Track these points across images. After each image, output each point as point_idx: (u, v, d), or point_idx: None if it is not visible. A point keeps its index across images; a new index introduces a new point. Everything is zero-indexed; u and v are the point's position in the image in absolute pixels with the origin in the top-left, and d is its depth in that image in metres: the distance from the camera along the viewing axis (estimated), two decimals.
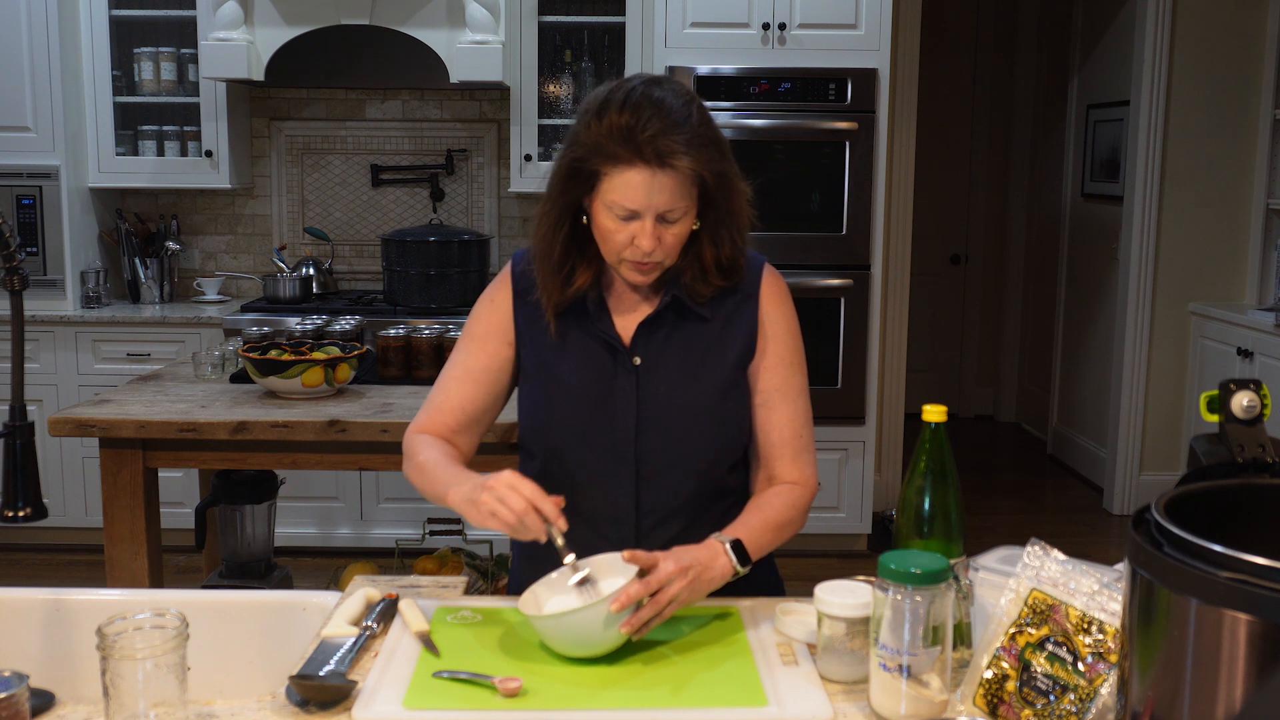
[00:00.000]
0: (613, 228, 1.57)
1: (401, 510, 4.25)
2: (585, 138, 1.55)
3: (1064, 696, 1.19)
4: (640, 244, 1.55)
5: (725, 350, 1.67)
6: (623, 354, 1.66)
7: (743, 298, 1.69)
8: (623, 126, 1.51)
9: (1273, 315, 4.34)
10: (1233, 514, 1.03)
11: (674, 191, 1.53)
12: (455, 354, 1.74)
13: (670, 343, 1.66)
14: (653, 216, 1.54)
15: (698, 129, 1.53)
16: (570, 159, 1.57)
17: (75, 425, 2.49)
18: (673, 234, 1.57)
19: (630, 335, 1.66)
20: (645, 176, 1.52)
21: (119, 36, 4.39)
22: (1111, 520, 5.01)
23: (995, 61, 6.61)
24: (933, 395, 6.27)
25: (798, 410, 1.69)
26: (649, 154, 1.50)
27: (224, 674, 1.57)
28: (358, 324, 3.17)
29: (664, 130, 1.50)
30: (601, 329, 1.66)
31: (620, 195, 1.53)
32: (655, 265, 1.60)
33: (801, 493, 1.67)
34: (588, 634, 1.38)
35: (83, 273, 4.35)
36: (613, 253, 1.60)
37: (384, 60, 4.17)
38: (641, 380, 1.65)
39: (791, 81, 4.09)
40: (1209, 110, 4.85)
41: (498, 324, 1.72)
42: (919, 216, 4.97)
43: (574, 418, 1.66)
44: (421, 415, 1.73)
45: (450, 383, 1.72)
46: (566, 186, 1.59)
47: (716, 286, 1.66)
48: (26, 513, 1.44)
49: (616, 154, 1.52)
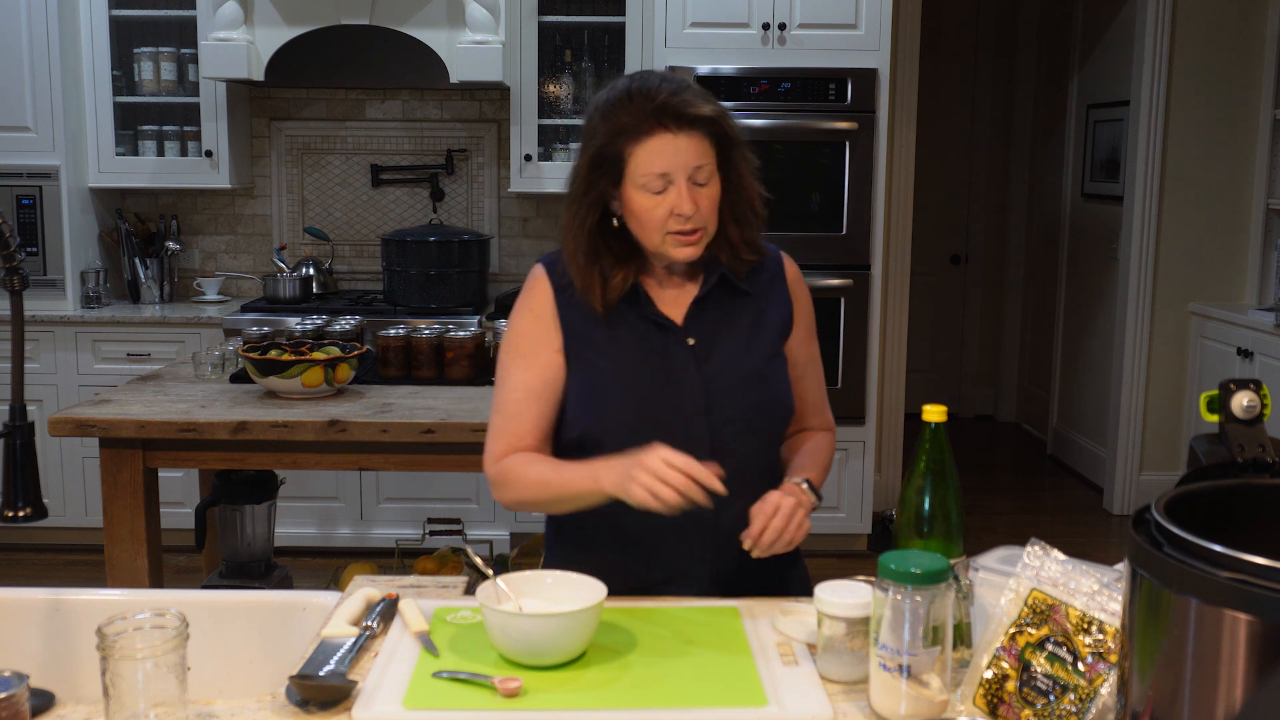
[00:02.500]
0: (649, 204, 1.63)
1: (401, 510, 4.25)
2: (603, 128, 1.64)
3: (1064, 696, 1.19)
4: (681, 208, 1.62)
5: (768, 321, 1.77)
6: (676, 335, 1.71)
7: (771, 276, 1.80)
8: (635, 102, 1.61)
9: (1273, 315, 4.34)
10: (1233, 514, 1.03)
11: (697, 150, 1.62)
12: (508, 374, 1.73)
13: (720, 319, 1.74)
14: (684, 177, 1.62)
15: (703, 92, 1.66)
16: (592, 152, 1.65)
17: (75, 425, 2.49)
18: (706, 196, 1.65)
19: (681, 318, 1.72)
20: (668, 139, 1.61)
21: (119, 36, 4.39)
22: (1111, 520, 5.01)
23: (995, 61, 6.61)
24: (933, 395, 6.26)
25: (820, 373, 1.88)
26: (667, 119, 1.60)
27: (224, 674, 1.57)
28: (358, 324, 3.17)
29: (674, 92, 1.62)
30: (652, 313, 1.71)
31: (649, 164, 1.61)
32: (700, 233, 1.66)
33: (831, 436, 1.88)
34: (539, 642, 1.38)
35: (83, 273, 4.35)
36: (655, 230, 1.65)
37: (384, 60, 4.17)
38: (699, 357, 1.71)
39: (791, 81, 4.09)
40: (1209, 110, 4.85)
41: (544, 334, 1.72)
42: (919, 216, 4.97)
43: (640, 402, 1.67)
44: (497, 444, 1.72)
45: (516, 406, 1.71)
46: (591, 181, 1.66)
47: (748, 262, 1.75)
48: (26, 513, 1.44)
49: (637, 128, 1.61)
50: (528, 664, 1.38)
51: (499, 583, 1.46)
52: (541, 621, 1.38)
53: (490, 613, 1.39)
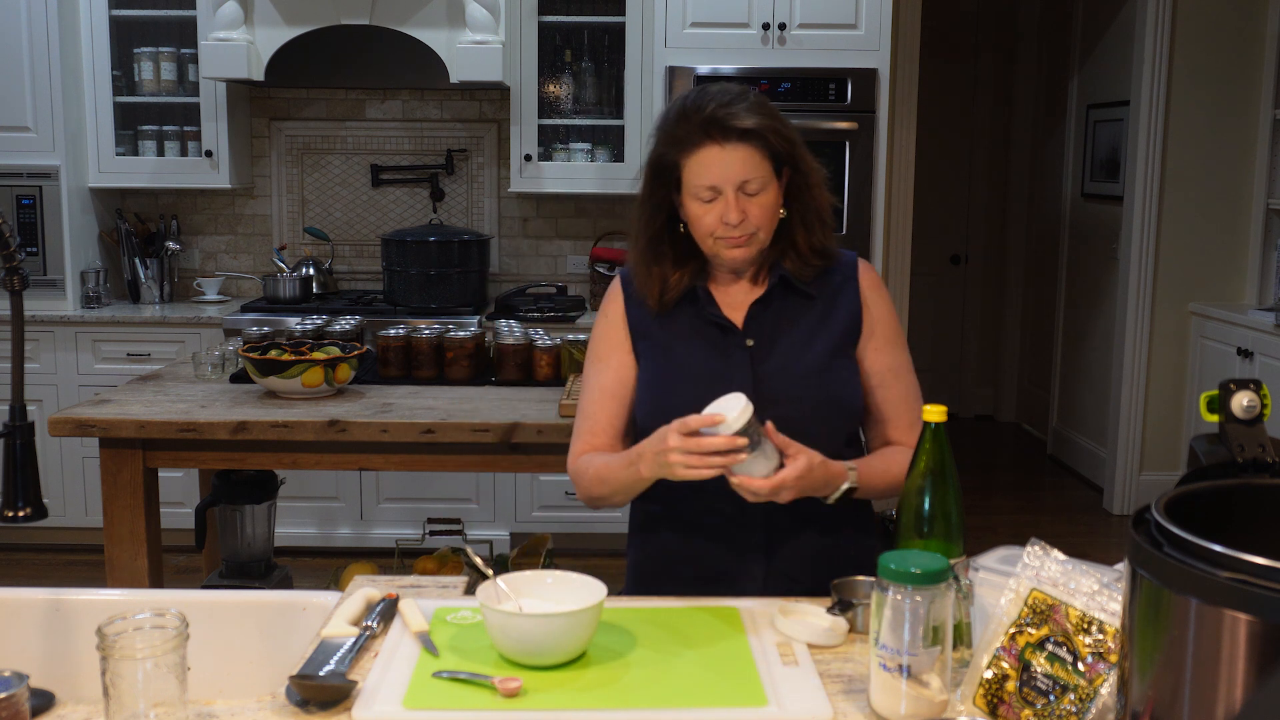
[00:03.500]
0: (700, 212, 1.71)
1: (401, 510, 4.25)
2: (662, 137, 1.73)
3: (1064, 696, 1.19)
4: (728, 217, 1.68)
5: (831, 324, 1.79)
6: (735, 336, 1.77)
7: (843, 279, 1.82)
8: (687, 114, 1.69)
9: (1273, 315, 4.34)
10: (1233, 514, 1.03)
11: (746, 162, 1.68)
12: (587, 378, 1.86)
13: (779, 322, 1.78)
14: (733, 189, 1.68)
15: (755, 102, 1.70)
16: (653, 157, 1.75)
17: (75, 425, 2.49)
18: (757, 205, 1.70)
19: (742, 319, 1.78)
20: (716, 152, 1.67)
21: (119, 36, 4.39)
22: (1111, 520, 5.01)
23: (995, 61, 6.61)
24: (933, 395, 6.24)
25: (909, 386, 1.83)
26: (715, 131, 1.67)
27: (224, 674, 1.57)
28: (358, 324, 3.17)
29: (723, 104, 1.68)
30: (713, 314, 1.77)
31: (698, 177, 1.68)
32: (748, 238, 1.71)
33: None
34: (539, 642, 1.38)
35: (83, 273, 4.35)
36: (706, 236, 1.72)
37: (384, 60, 4.17)
38: (755, 357, 1.75)
39: (791, 81, 4.09)
40: (1209, 110, 4.85)
41: (616, 338, 1.83)
42: (919, 216, 4.97)
43: (693, 397, 1.68)
44: (576, 444, 1.83)
45: (592, 406, 1.83)
46: (654, 187, 1.75)
47: (815, 267, 1.79)
48: (26, 513, 1.44)
49: (686, 140, 1.69)
50: (528, 664, 1.38)
51: (499, 583, 1.47)
52: (541, 621, 1.38)
53: (490, 613, 1.39)
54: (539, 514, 4.26)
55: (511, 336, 2.96)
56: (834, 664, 1.41)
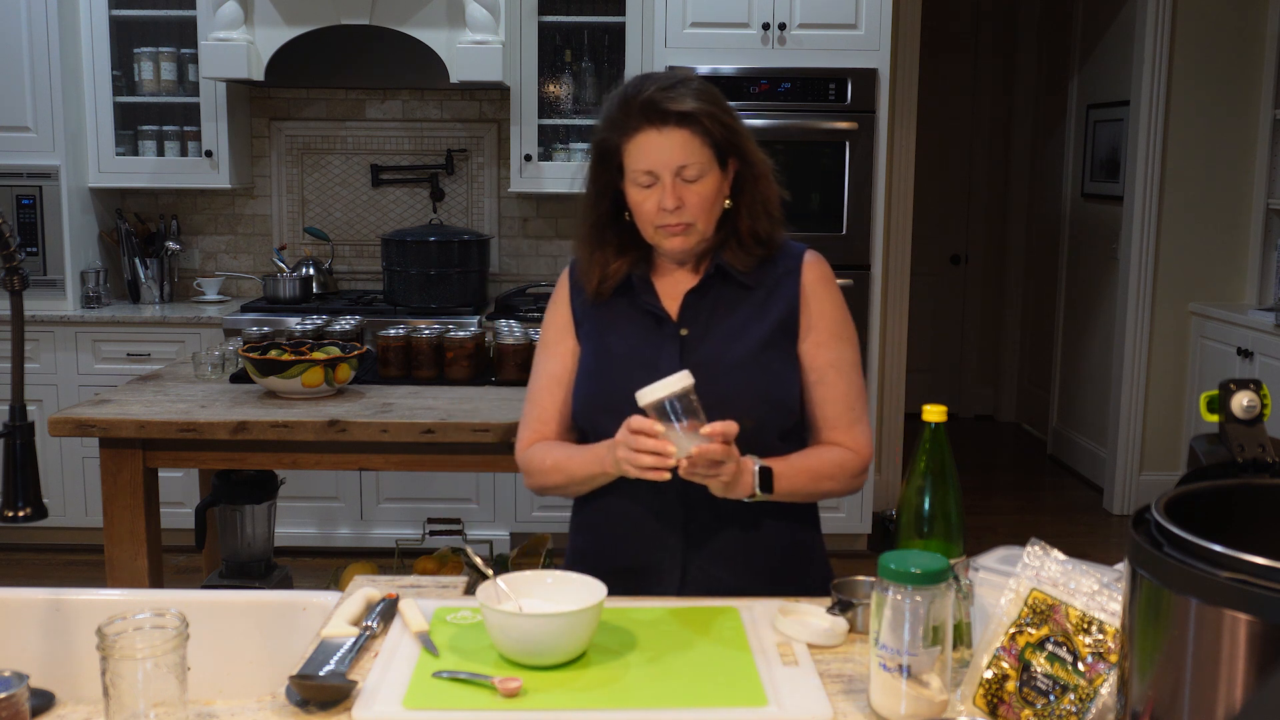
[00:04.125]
0: (640, 198, 1.69)
1: (401, 510, 4.25)
2: (604, 122, 1.72)
3: (1064, 696, 1.19)
4: (664, 203, 1.67)
5: (766, 315, 1.76)
6: (669, 326, 1.75)
7: (785, 271, 1.78)
8: (628, 99, 1.68)
9: (1273, 315, 4.34)
10: (1233, 514, 1.03)
11: (684, 147, 1.66)
12: (536, 365, 1.86)
13: (715, 312, 1.76)
14: (670, 175, 1.66)
15: (697, 88, 1.68)
16: (596, 142, 1.74)
17: (75, 425, 2.49)
18: (695, 193, 1.68)
19: (677, 309, 1.76)
20: (653, 136, 1.66)
21: (119, 36, 4.39)
22: (1111, 520, 5.01)
23: (995, 61, 6.61)
24: (933, 395, 6.25)
25: (851, 384, 1.77)
26: (653, 115, 1.65)
27: (224, 674, 1.57)
28: (358, 324, 3.17)
29: (662, 88, 1.66)
30: (648, 302, 1.76)
31: (636, 161, 1.67)
32: (686, 227, 1.70)
33: (852, 457, 1.76)
34: (539, 642, 1.38)
35: (83, 273, 4.35)
36: (647, 224, 1.71)
37: (384, 60, 4.17)
38: (686, 348, 1.74)
39: (791, 81, 4.09)
40: (1209, 110, 4.85)
41: (562, 324, 1.83)
42: (919, 216, 4.97)
43: (622, 385, 1.68)
44: (525, 432, 1.84)
45: (540, 394, 1.83)
46: (598, 172, 1.75)
47: (756, 256, 1.76)
48: (26, 513, 1.44)
49: (626, 124, 1.67)
50: (528, 664, 1.38)
51: (499, 583, 1.47)
52: (541, 621, 1.38)
53: (490, 613, 1.39)
54: (539, 514, 4.26)
55: (511, 336, 2.96)
56: (834, 664, 1.41)
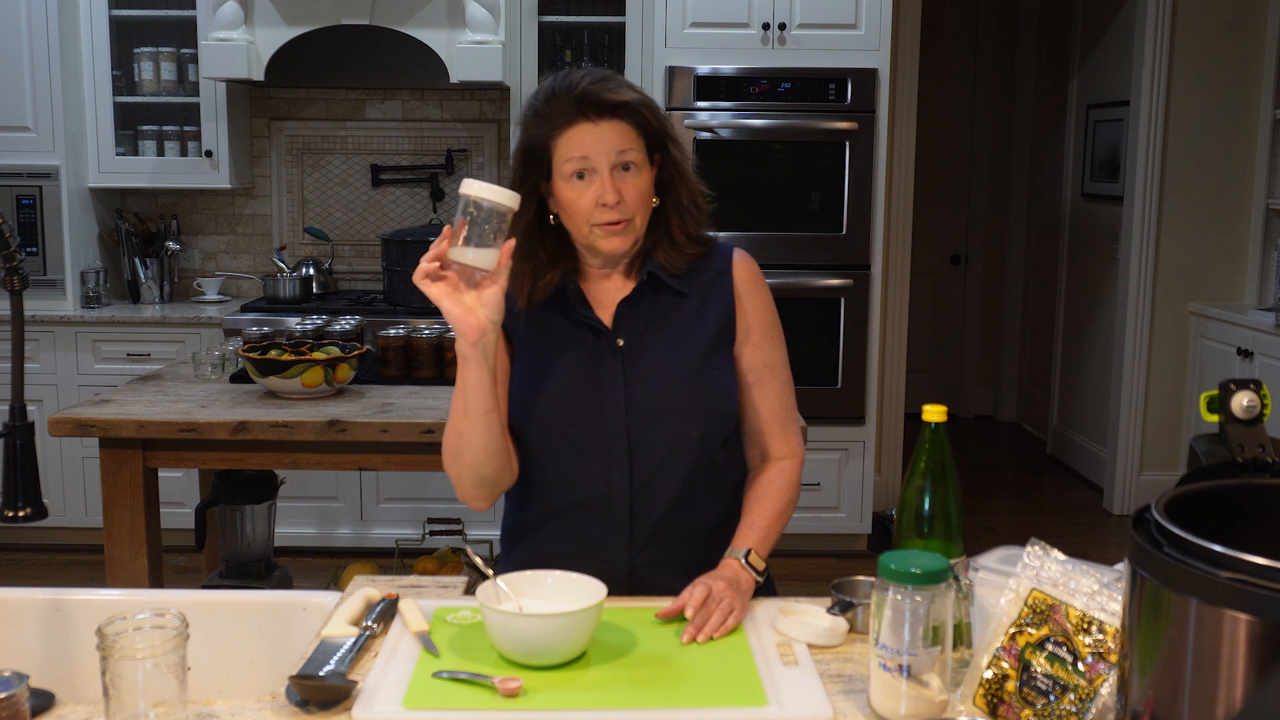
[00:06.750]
0: (574, 196, 1.63)
1: (401, 510, 4.25)
2: (531, 119, 1.66)
3: (1064, 696, 1.19)
4: (605, 197, 1.61)
5: (704, 323, 1.72)
6: (606, 336, 1.71)
7: (715, 275, 1.74)
8: (557, 94, 1.63)
9: (1273, 315, 4.34)
10: (1233, 514, 1.03)
11: (621, 135, 1.62)
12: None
13: (651, 321, 1.72)
14: (607, 167, 1.61)
15: (627, 82, 1.66)
16: (523, 141, 1.67)
17: (75, 425, 2.49)
18: (632, 187, 1.63)
19: (611, 319, 1.71)
20: (589, 129, 1.61)
21: (119, 36, 4.39)
22: (1111, 520, 5.01)
23: (995, 61, 6.61)
24: (933, 395, 6.26)
25: (784, 384, 1.77)
26: (588, 108, 1.61)
27: (224, 674, 1.57)
28: (358, 324, 3.17)
29: (595, 81, 1.62)
30: (583, 314, 1.71)
31: (570, 151, 1.62)
32: (626, 224, 1.64)
33: (794, 466, 1.77)
34: (539, 642, 1.38)
35: (83, 273, 4.35)
36: (582, 223, 1.64)
37: (384, 60, 4.17)
38: (626, 359, 1.70)
39: (791, 81, 4.09)
40: (1209, 110, 4.85)
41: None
42: (919, 216, 4.97)
43: (564, 401, 1.68)
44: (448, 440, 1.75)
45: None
46: (524, 174, 1.67)
47: (690, 256, 1.72)
48: (26, 513, 1.44)
49: (558, 118, 1.62)
50: (528, 664, 1.38)
51: (499, 583, 1.47)
52: (541, 621, 1.38)
53: (490, 613, 1.39)
54: None
55: None
56: (834, 664, 1.41)
